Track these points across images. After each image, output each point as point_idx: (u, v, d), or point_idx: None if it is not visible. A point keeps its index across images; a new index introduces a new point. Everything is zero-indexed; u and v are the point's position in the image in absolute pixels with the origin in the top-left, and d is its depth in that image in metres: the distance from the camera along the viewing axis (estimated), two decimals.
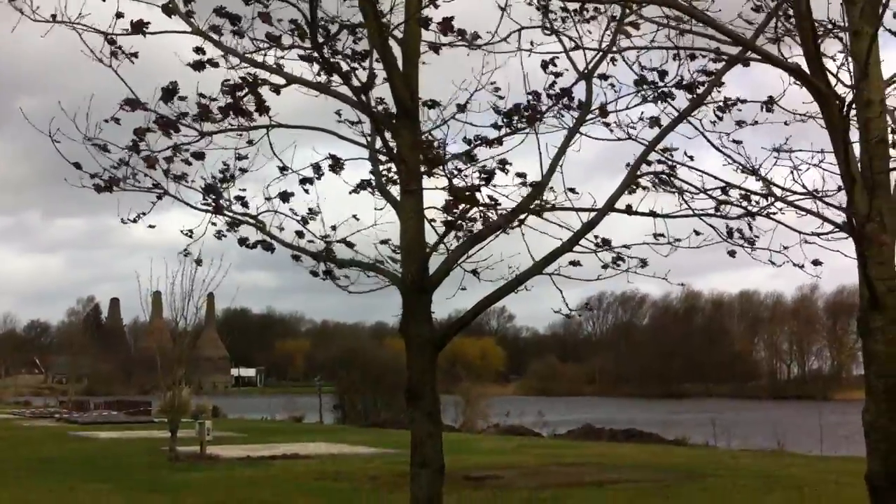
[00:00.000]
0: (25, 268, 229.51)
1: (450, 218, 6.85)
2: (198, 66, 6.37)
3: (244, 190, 6.94)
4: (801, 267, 7.35)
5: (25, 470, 20.95)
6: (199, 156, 6.65)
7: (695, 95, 7.03)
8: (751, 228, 7.27)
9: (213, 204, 6.81)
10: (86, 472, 20.31)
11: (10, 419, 51.32)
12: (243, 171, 6.86)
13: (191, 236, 6.86)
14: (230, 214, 6.86)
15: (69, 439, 33.02)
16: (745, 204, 7.21)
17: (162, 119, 6.36)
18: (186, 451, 24.69)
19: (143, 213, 6.72)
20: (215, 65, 6.37)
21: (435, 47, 6.80)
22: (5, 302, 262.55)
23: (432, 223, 6.82)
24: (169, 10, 6.16)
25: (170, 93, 6.33)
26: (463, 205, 6.84)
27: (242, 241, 6.99)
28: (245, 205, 6.92)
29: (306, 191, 6.95)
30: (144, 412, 53.24)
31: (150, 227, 6.84)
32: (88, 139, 6.31)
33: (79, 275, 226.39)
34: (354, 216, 7.11)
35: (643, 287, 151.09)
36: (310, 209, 7.01)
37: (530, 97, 7.03)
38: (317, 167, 6.87)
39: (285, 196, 6.91)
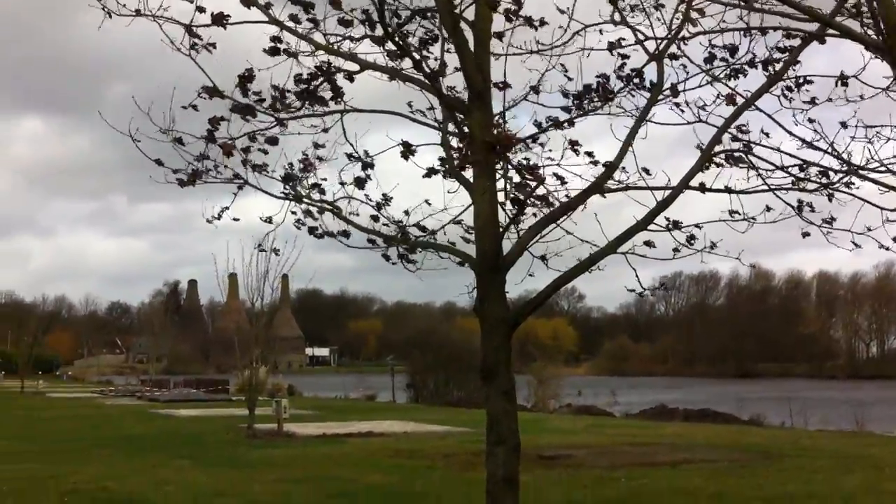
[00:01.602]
0: (110, 250, 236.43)
1: (520, 196, 6.88)
2: (273, 51, 6.49)
3: (325, 180, 7.08)
4: (887, 249, 7.14)
5: (109, 447, 21.61)
6: (273, 141, 6.75)
7: (771, 73, 6.93)
8: (830, 200, 7.08)
9: (292, 192, 6.96)
10: (167, 449, 20.88)
11: (93, 398, 52.89)
12: (321, 159, 6.99)
13: (270, 222, 7.01)
14: (308, 202, 7.00)
15: (150, 417, 33.93)
16: (823, 179, 7.08)
17: (238, 105, 6.49)
18: (264, 428, 25.20)
19: (226, 208, 6.88)
20: (292, 54, 6.50)
21: (498, 35, 6.81)
22: (88, 284, 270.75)
23: (503, 205, 6.87)
24: (248, 1, 6.30)
25: (246, 80, 6.45)
26: (532, 183, 6.87)
27: (312, 231, 7.13)
28: (322, 192, 7.05)
29: (368, 176, 7.05)
30: (223, 390, 54.37)
31: (235, 220, 6.99)
32: (164, 132, 6.44)
33: (162, 258, 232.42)
34: (426, 201, 7.20)
35: (718, 266, 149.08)
36: (384, 195, 7.13)
37: (600, 79, 7.01)
38: (363, 160, 6.94)
39: (360, 182, 7.03)
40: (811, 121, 7.05)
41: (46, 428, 27.83)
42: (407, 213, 7.18)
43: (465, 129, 6.73)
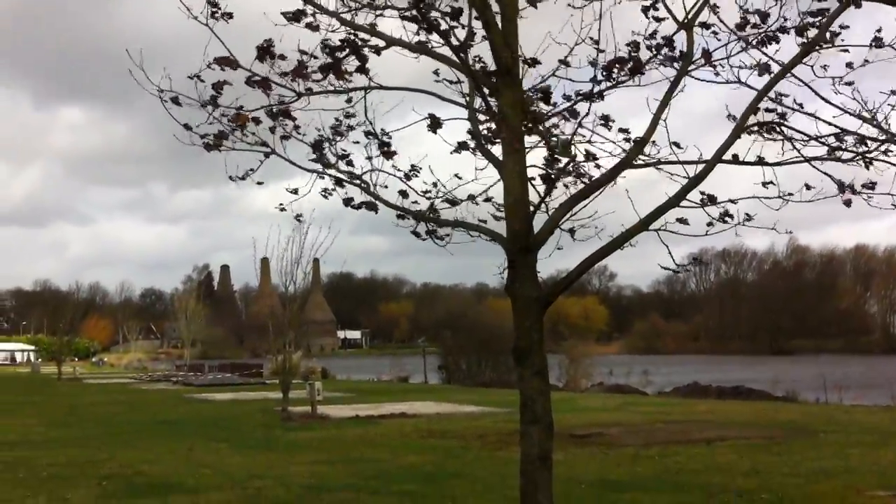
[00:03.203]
0: (148, 237, 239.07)
1: (550, 172, 6.81)
2: (296, 16, 6.37)
3: (350, 154, 7.04)
4: None
5: (146, 431, 21.88)
6: (287, 114, 6.66)
7: (806, 40, 6.77)
8: (868, 168, 6.95)
9: (321, 161, 6.92)
10: (203, 432, 21.10)
11: (129, 383, 53.51)
12: (351, 128, 6.95)
13: (296, 193, 6.98)
14: (333, 174, 6.97)
15: (186, 401, 34.27)
16: (860, 148, 6.94)
17: (254, 77, 6.41)
18: (298, 411, 25.39)
19: (252, 170, 6.84)
20: (315, 28, 6.43)
21: (532, 1, 6.68)
22: (123, 270, 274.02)
23: (532, 181, 6.80)
24: None
25: (264, 51, 6.37)
26: (562, 160, 6.80)
27: (347, 202, 7.09)
28: (350, 163, 7.02)
29: (393, 152, 6.98)
30: (257, 374, 54.84)
31: (259, 183, 6.93)
32: (161, 91, 6.35)
33: (199, 244, 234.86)
34: (457, 175, 7.16)
35: (749, 241, 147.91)
36: (412, 166, 7.08)
37: (630, 48, 6.88)
38: (380, 139, 6.89)
39: (388, 154, 6.99)
40: (849, 84, 6.87)
41: (84, 414, 28.20)
42: (435, 184, 7.13)
43: (494, 106, 6.65)
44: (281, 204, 7.13)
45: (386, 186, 7.06)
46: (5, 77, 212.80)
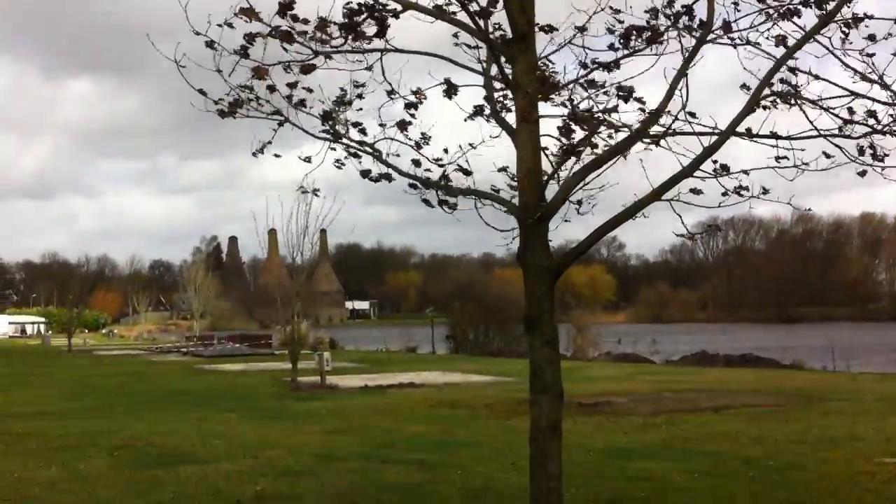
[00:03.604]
0: (157, 209, 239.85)
1: (568, 142, 6.76)
2: None
3: (360, 124, 7.01)
4: None
5: (158, 402, 22.03)
6: (308, 69, 6.63)
7: (824, 11, 6.70)
8: (874, 148, 6.95)
9: (331, 131, 6.90)
10: (213, 403, 21.24)
11: (139, 354, 53.83)
12: (360, 97, 6.92)
13: (309, 161, 6.96)
14: (346, 143, 6.96)
15: (196, 372, 34.49)
16: (870, 122, 6.90)
17: (277, 29, 6.38)
18: (307, 381, 25.56)
19: (269, 142, 6.83)
20: None
21: None
22: (132, 242, 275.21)
23: (545, 150, 6.77)
24: None
25: (285, 7, 6.34)
26: (583, 130, 6.75)
27: (365, 174, 7.07)
28: (363, 132, 7.00)
29: (413, 115, 6.97)
30: (266, 345, 55.09)
31: (276, 156, 6.93)
32: (198, 34, 6.27)
33: (208, 215, 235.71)
34: (471, 144, 7.12)
35: (757, 209, 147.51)
36: (422, 134, 7.05)
37: (648, 15, 6.80)
38: (417, 91, 6.86)
39: (403, 124, 6.96)
40: (870, 55, 6.80)
41: (95, 385, 28.40)
42: (446, 150, 7.10)
43: (509, 73, 6.61)
44: (302, 186, 7.14)
45: (398, 155, 7.04)
46: (15, 50, 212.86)
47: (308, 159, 6.92)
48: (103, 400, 22.92)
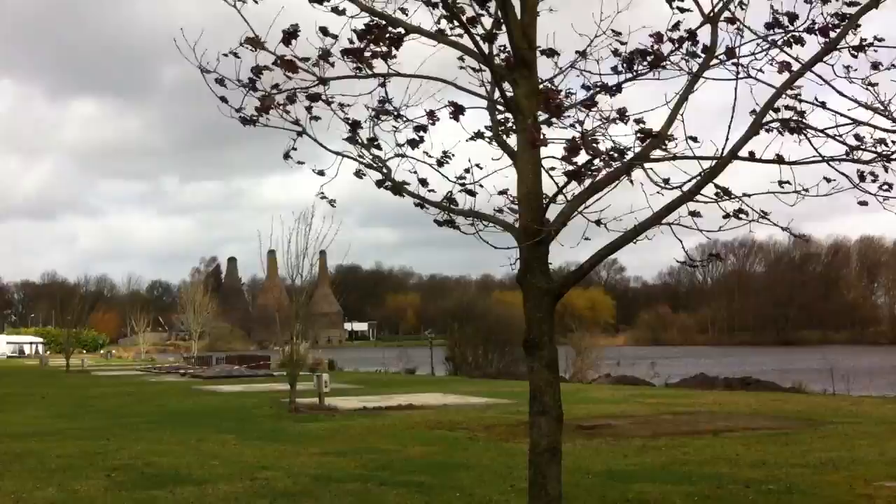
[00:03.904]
0: (158, 230, 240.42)
1: (570, 167, 6.79)
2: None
3: (375, 140, 7.09)
4: None
5: (155, 423, 21.95)
6: (315, 98, 6.71)
7: (828, 39, 6.73)
8: (886, 171, 6.92)
9: (353, 141, 6.98)
10: (212, 424, 21.16)
11: (137, 375, 53.70)
12: (387, 112, 7.01)
13: (322, 175, 7.04)
14: (361, 159, 7.03)
15: (194, 393, 34.39)
16: (879, 148, 6.89)
17: (282, 59, 6.46)
18: (306, 402, 25.48)
19: (294, 148, 6.91)
20: (341, 12, 6.43)
21: None
22: (132, 263, 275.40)
23: (551, 172, 6.80)
24: None
25: (290, 35, 6.41)
26: (586, 153, 6.78)
27: (380, 183, 7.13)
28: (378, 147, 7.08)
29: (421, 138, 7.04)
30: (264, 366, 54.97)
31: (300, 163, 7.01)
32: (204, 70, 6.40)
33: (208, 236, 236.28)
34: (478, 165, 7.18)
35: (755, 233, 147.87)
36: (444, 152, 7.13)
37: (652, 39, 6.84)
38: (431, 113, 6.93)
39: (414, 143, 7.03)
40: (873, 84, 6.82)
41: (93, 405, 28.32)
42: (465, 172, 7.19)
43: (511, 97, 6.67)
44: (322, 193, 7.20)
45: (415, 172, 7.12)
46: (20, 72, 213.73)
47: (322, 172, 6.97)
48: (101, 420, 22.84)
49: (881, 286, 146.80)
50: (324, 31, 6.47)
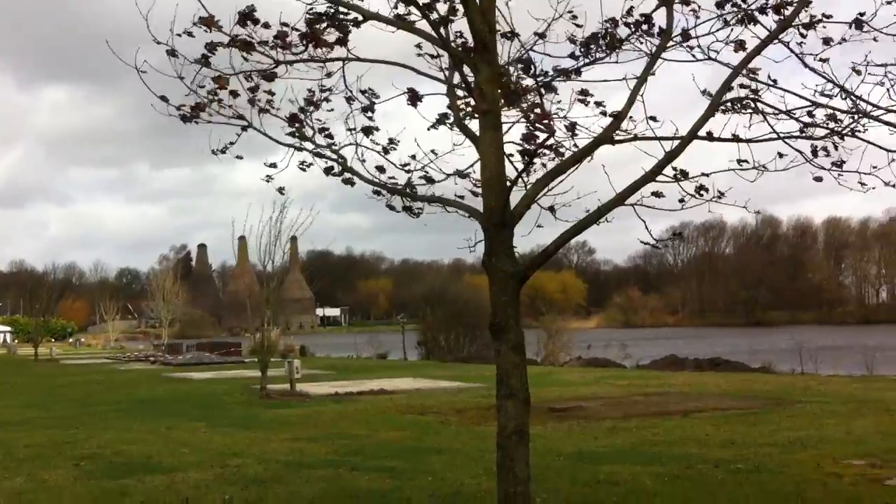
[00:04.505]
0: (128, 217, 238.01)
1: (529, 147, 6.78)
2: None
3: (326, 129, 7.01)
4: (894, 186, 7.04)
5: (125, 411, 21.79)
6: (270, 77, 6.62)
7: (782, 17, 6.77)
8: (836, 149, 7.02)
9: (297, 134, 6.90)
10: (182, 412, 21.05)
11: (106, 363, 53.27)
12: (327, 100, 6.92)
13: (274, 167, 6.99)
14: (309, 147, 6.95)
15: (164, 381, 34.16)
16: (831, 125, 6.98)
17: (237, 39, 6.36)
18: (277, 388, 25.39)
19: (231, 143, 6.82)
20: None
21: None
22: (102, 251, 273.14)
23: (510, 157, 6.79)
24: None
25: (246, 16, 6.32)
26: (541, 134, 6.77)
27: (328, 171, 7.07)
28: (329, 136, 7.00)
29: (371, 118, 6.98)
30: (235, 353, 54.67)
31: (238, 157, 6.91)
32: (158, 42, 6.27)
33: (180, 223, 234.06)
34: (433, 151, 7.14)
35: (726, 215, 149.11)
36: (390, 139, 7.07)
37: (608, 24, 6.85)
38: (365, 103, 6.87)
39: (368, 130, 6.97)
40: (824, 61, 6.89)
41: (61, 394, 28.07)
42: (413, 157, 7.12)
43: (472, 82, 6.62)
44: (268, 175, 7.13)
45: (363, 161, 7.04)
46: None
47: (273, 165, 6.92)
48: (70, 409, 22.64)
49: (848, 267, 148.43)
50: (284, 25, 6.38)
